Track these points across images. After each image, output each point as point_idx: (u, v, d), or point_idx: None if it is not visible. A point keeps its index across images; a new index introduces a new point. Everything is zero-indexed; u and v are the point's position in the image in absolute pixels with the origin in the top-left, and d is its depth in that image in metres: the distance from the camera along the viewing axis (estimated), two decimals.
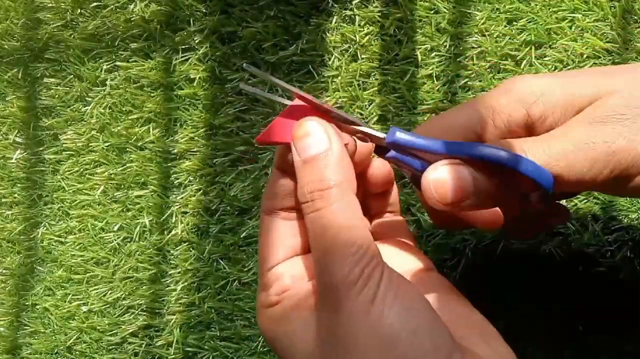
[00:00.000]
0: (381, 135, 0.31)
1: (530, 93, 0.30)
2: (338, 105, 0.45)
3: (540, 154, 0.28)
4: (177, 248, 0.48)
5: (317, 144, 0.28)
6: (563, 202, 0.38)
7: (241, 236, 0.46)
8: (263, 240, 0.30)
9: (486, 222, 0.33)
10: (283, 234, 0.30)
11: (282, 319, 0.28)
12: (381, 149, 0.32)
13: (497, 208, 0.33)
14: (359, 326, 0.25)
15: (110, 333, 0.48)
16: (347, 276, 0.26)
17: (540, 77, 0.31)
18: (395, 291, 0.26)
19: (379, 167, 0.33)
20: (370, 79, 0.45)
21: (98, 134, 0.50)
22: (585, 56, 0.43)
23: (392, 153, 0.32)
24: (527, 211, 0.34)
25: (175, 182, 0.48)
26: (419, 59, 0.45)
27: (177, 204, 0.48)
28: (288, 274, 0.29)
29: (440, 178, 0.28)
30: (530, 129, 0.30)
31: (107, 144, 0.50)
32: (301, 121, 0.28)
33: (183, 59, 0.49)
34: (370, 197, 0.34)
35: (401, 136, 0.30)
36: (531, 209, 0.33)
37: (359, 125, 0.31)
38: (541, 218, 0.35)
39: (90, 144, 0.50)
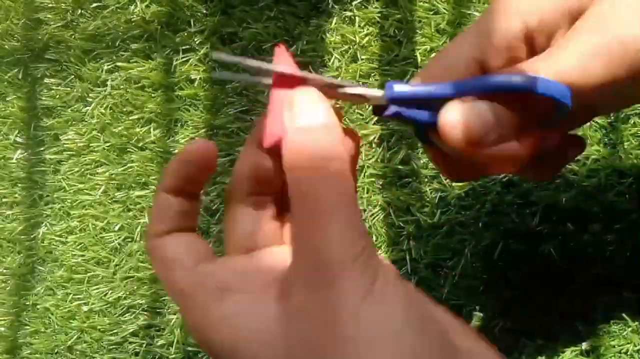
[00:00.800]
0: (379, 93, 0.28)
1: (523, 3, 0.29)
2: (338, 105, 0.45)
3: (551, 67, 0.26)
4: None
5: (318, 115, 0.25)
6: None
7: None
8: (163, 255, 0.27)
9: (504, 163, 0.30)
10: (183, 244, 0.28)
11: (235, 316, 0.24)
12: (380, 108, 0.30)
13: (516, 145, 0.30)
14: (357, 302, 0.22)
15: (111, 332, 0.49)
16: (349, 249, 0.23)
17: None
18: (390, 289, 0.23)
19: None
20: (370, 79, 0.46)
21: (99, 134, 0.50)
22: None
23: (391, 110, 0.29)
24: (544, 147, 0.31)
25: None
26: (419, 59, 0.45)
27: None
28: (229, 269, 0.26)
29: (459, 117, 0.26)
30: (531, 41, 0.29)
31: (108, 144, 0.50)
32: (300, 88, 0.26)
33: (184, 59, 0.49)
34: None
35: (400, 88, 0.28)
36: (548, 143, 0.31)
37: (353, 87, 0.28)
38: (558, 153, 0.32)
39: (91, 145, 0.50)
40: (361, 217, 0.25)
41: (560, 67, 0.26)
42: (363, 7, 0.46)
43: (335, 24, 0.46)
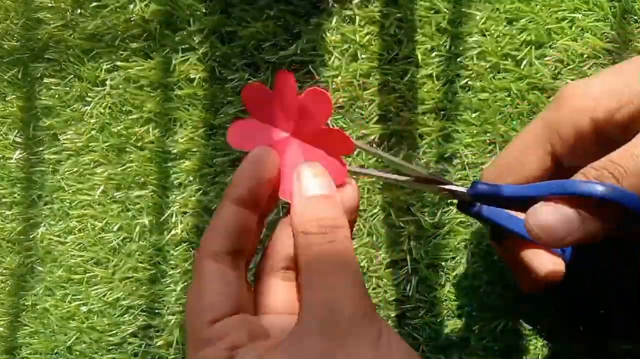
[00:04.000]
0: (463, 189, 0.32)
1: (589, 99, 0.30)
2: (338, 105, 0.45)
3: (631, 178, 0.27)
4: (177, 248, 0.48)
5: (324, 186, 0.29)
6: None
7: None
8: (204, 286, 0.28)
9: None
10: (230, 285, 0.28)
11: None
12: (464, 205, 0.34)
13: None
14: (367, 355, 0.25)
15: (110, 333, 0.48)
16: (358, 306, 0.26)
17: (591, 80, 0.31)
18: (394, 345, 0.26)
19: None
20: (371, 79, 0.45)
21: (98, 134, 0.50)
22: (585, 56, 0.43)
23: (476, 208, 0.33)
24: None
25: (175, 182, 0.48)
26: (419, 58, 0.45)
27: (177, 204, 0.48)
28: (240, 329, 0.27)
29: (544, 219, 0.29)
30: (600, 131, 0.30)
31: (107, 144, 0.50)
32: (306, 163, 0.29)
33: (183, 59, 0.48)
34: None
35: (483, 187, 0.31)
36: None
37: (441, 182, 0.32)
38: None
39: (90, 144, 0.50)
40: (363, 277, 0.28)
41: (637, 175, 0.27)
42: (363, 6, 0.46)
43: (335, 22, 0.46)
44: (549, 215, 0.28)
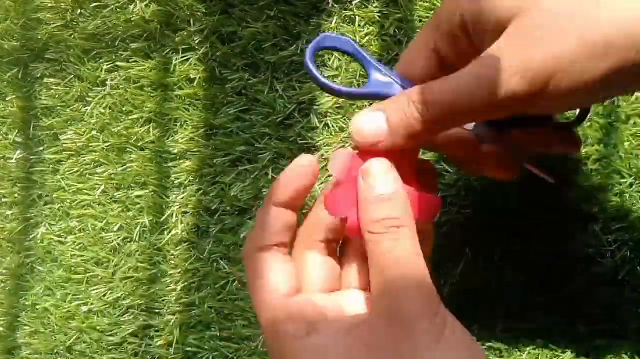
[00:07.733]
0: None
1: (464, 2, 0.29)
2: (338, 105, 0.45)
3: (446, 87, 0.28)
4: (177, 248, 0.48)
5: (387, 185, 0.29)
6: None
7: (241, 236, 0.46)
8: (265, 273, 0.31)
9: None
10: (286, 269, 0.31)
11: (321, 349, 0.28)
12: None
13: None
14: (431, 346, 0.26)
15: (110, 333, 0.48)
16: (419, 310, 0.27)
17: None
18: (458, 337, 0.27)
19: None
20: None
21: (98, 134, 0.50)
22: None
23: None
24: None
25: (175, 182, 0.48)
26: None
27: (177, 204, 0.48)
28: (317, 306, 0.30)
29: (357, 124, 0.30)
30: (468, 34, 0.30)
31: (107, 144, 0.50)
32: (373, 160, 0.30)
33: (183, 59, 0.49)
34: None
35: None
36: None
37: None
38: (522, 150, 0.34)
39: (90, 144, 0.50)
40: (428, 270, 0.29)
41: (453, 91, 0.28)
42: (363, 6, 0.46)
43: (335, 23, 0.46)
44: (359, 120, 0.30)
